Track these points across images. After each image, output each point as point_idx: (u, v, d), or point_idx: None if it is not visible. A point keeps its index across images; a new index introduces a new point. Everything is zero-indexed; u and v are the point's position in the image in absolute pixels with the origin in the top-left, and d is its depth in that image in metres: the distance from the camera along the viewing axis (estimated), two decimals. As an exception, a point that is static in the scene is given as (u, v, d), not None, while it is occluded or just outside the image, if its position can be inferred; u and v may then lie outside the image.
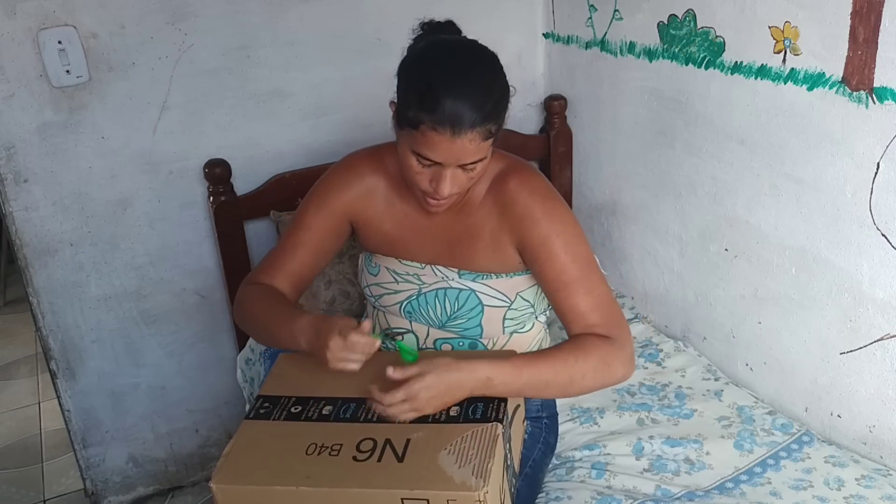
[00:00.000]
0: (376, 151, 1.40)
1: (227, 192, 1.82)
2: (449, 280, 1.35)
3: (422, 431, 1.11)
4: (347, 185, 1.37)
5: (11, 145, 1.68)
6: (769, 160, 1.50)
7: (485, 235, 1.32)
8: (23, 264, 1.79)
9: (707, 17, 1.56)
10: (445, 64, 1.15)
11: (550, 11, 2.06)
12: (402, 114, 1.17)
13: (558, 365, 1.21)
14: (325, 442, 1.11)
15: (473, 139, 1.13)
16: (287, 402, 1.20)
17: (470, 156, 1.15)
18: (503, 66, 1.21)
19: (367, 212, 1.38)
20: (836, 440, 1.49)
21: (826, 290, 1.45)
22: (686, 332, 1.85)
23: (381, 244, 1.40)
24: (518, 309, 1.36)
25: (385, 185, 1.37)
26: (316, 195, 1.40)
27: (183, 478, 2.16)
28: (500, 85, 1.17)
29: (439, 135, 1.12)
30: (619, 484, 1.38)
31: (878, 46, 1.24)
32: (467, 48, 1.20)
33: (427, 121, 1.11)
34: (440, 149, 1.14)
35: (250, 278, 1.40)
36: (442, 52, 1.18)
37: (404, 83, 1.19)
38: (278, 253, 1.39)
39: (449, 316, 1.35)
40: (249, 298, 1.34)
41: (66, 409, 1.95)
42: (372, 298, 1.43)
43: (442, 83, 1.11)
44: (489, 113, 1.13)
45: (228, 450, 1.12)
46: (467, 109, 1.10)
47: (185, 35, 1.75)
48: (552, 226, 1.27)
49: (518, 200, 1.28)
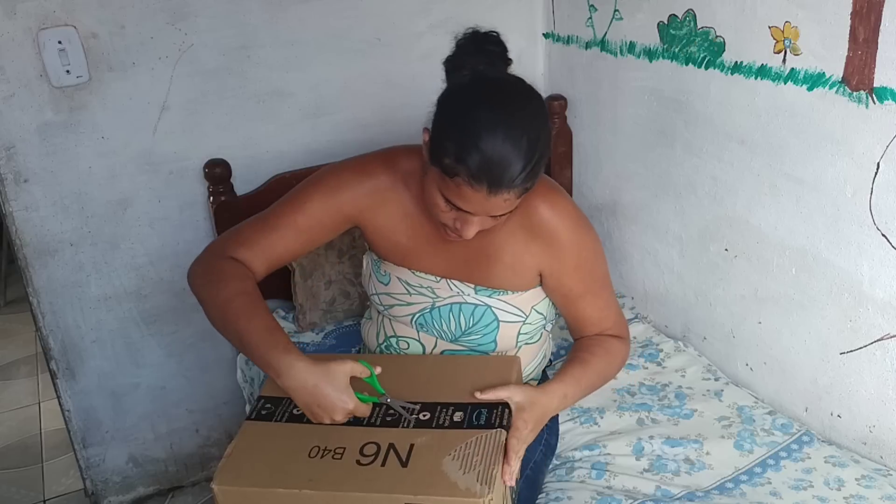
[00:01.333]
0: (392, 158, 1.32)
1: (227, 192, 1.82)
2: (464, 295, 1.32)
3: (426, 437, 1.10)
4: (360, 186, 1.29)
5: (11, 145, 1.68)
6: (769, 160, 1.50)
7: (506, 255, 1.29)
8: (23, 264, 1.79)
9: (707, 17, 1.56)
10: (490, 115, 1.06)
11: (550, 11, 2.06)
12: (436, 155, 1.10)
13: (597, 368, 1.31)
14: (327, 445, 1.10)
15: (509, 197, 1.08)
16: (289, 403, 1.19)
17: (503, 209, 1.11)
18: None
19: (379, 219, 1.31)
20: (836, 440, 1.49)
21: (826, 290, 1.45)
22: (686, 332, 1.85)
23: (392, 253, 1.35)
24: (532, 323, 1.35)
25: (400, 195, 1.30)
26: (325, 186, 1.30)
27: (183, 478, 2.16)
28: (543, 141, 1.10)
29: (475, 191, 1.06)
30: (619, 484, 1.38)
31: (878, 46, 1.24)
32: (514, 94, 1.11)
33: (463, 175, 1.06)
34: (473, 203, 1.09)
35: (225, 247, 1.26)
36: (487, 99, 1.08)
37: (443, 123, 1.11)
38: (266, 229, 1.28)
39: (463, 331, 1.33)
40: (224, 280, 1.20)
41: (66, 409, 1.95)
42: (381, 307, 1.38)
43: (484, 139, 1.04)
44: (529, 174, 1.07)
45: (230, 450, 1.12)
46: (508, 169, 1.05)
47: (185, 35, 1.75)
48: (582, 253, 1.29)
49: (549, 227, 1.26)
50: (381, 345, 1.41)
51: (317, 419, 1.12)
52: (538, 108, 1.12)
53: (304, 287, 1.82)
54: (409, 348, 1.37)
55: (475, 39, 1.20)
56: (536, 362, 1.43)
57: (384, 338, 1.40)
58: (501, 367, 1.25)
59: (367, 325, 1.47)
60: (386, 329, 1.40)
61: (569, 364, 1.30)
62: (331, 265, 1.83)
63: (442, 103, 1.13)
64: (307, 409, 1.12)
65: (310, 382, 1.10)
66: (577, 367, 1.29)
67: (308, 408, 1.12)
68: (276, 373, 1.12)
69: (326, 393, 1.10)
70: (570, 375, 1.26)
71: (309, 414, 1.13)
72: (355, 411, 1.12)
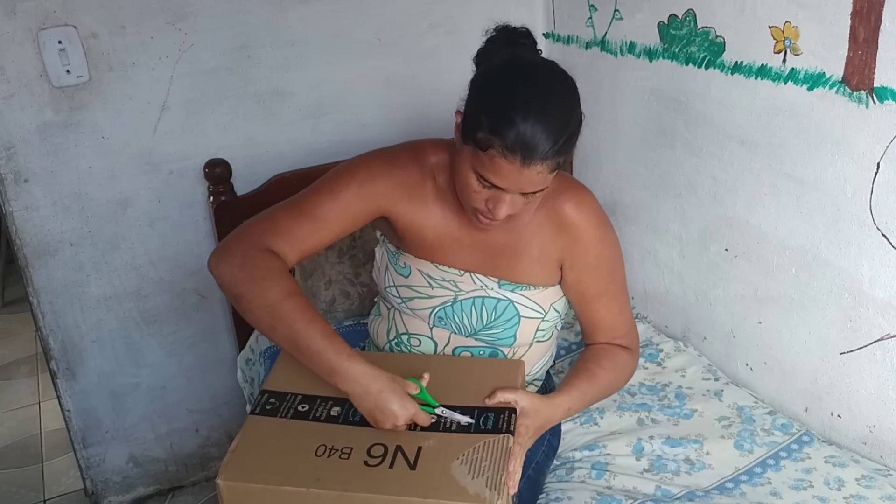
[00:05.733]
0: (421, 151, 1.32)
1: (227, 192, 1.82)
2: (488, 289, 1.33)
3: (433, 440, 1.10)
4: (393, 178, 1.28)
5: (11, 145, 1.68)
6: (769, 160, 1.50)
7: (533, 250, 1.31)
8: (23, 264, 1.79)
9: (707, 17, 1.56)
10: (525, 89, 1.09)
11: (550, 11, 2.06)
12: (469, 131, 1.12)
13: (604, 382, 1.33)
14: (334, 444, 1.09)
15: (542, 171, 1.09)
16: (294, 399, 1.18)
17: (535, 185, 1.12)
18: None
19: (409, 212, 1.30)
20: (836, 440, 1.49)
21: (826, 290, 1.45)
22: (686, 332, 1.85)
23: (418, 247, 1.34)
24: (549, 320, 1.36)
25: (429, 188, 1.30)
26: (360, 175, 1.27)
27: (183, 478, 2.16)
28: (576, 116, 1.13)
29: (509, 163, 1.08)
30: (620, 484, 1.38)
31: (878, 46, 1.24)
32: (549, 73, 1.15)
33: (498, 146, 1.07)
34: (506, 176, 1.10)
35: (261, 237, 1.21)
36: (522, 76, 1.12)
37: (477, 100, 1.13)
38: (302, 218, 1.24)
39: (484, 325, 1.33)
40: (270, 278, 1.16)
41: (66, 409, 1.95)
42: (398, 300, 1.37)
43: (520, 110, 1.06)
44: (562, 147, 1.09)
45: (235, 446, 1.10)
46: (542, 140, 1.06)
47: (185, 35, 1.75)
48: (603, 252, 1.33)
49: (576, 223, 1.29)
50: (392, 341, 1.40)
51: (378, 425, 1.12)
52: (572, 88, 1.15)
53: (304, 287, 1.82)
54: (420, 345, 1.37)
55: (506, 32, 1.22)
56: (543, 362, 1.43)
57: (395, 334, 1.40)
58: (507, 371, 1.25)
59: (375, 322, 1.46)
60: (398, 325, 1.40)
61: (577, 376, 1.31)
62: (331, 265, 1.83)
63: (476, 82, 1.15)
64: (369, 414, 1.12)
65: (375, 388, 1.11)
66: (584, 381, 1.31)
67: (371, 413, 1.12)
68: (342, 378, 1.12)
69: (391, 399, 1.11)
70: (576, 389, 1.28)
71: (371, 419, 1.12)
72: (416, 418, 1.12)
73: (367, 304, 1.82)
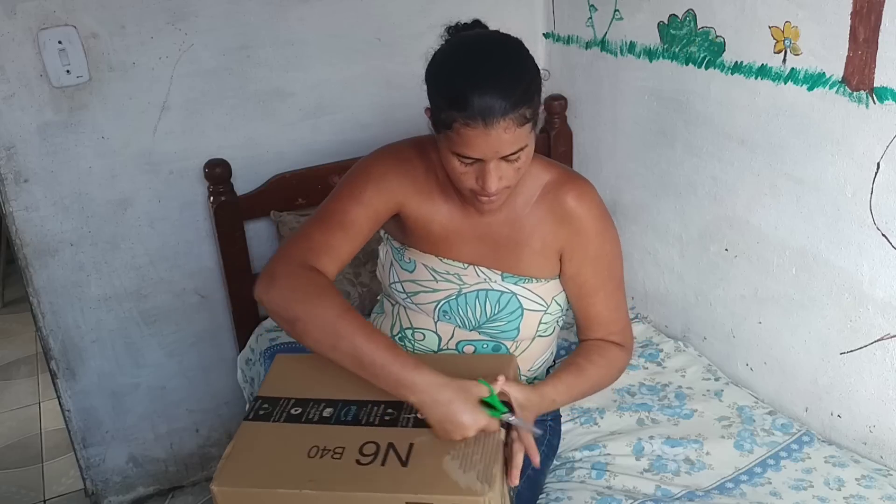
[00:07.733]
0: (423, 146, 1.33)
1: (227, 192, 1.82)
2: (491, 282, 1.34)
3: (424, 436, 1.10)
4: (403, 173, 1.31)
5: (11, 145, 1.68)
6: (769, 160, 1.50)
7: (535, 242, 1.32)
8: (23, 264, 1.79)
9: (707, 17, 1.56)
10: (466, 58, 1.14)
11: (550, 11, 2.06)
12: (436, 118, 1.16)
13: (593, 378, 1.33)
14: (326, 445, 1.10)
15: (508, 127, 1.11)
16: (287, 403, 1.19)
17: (508, 145, 1.13)
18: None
19: (417, 206, 1.32)
20: (837, 440, 1.49)
21: (826, 290, 1.45)
22: (686, 332, 1.85)
23: (424, 241, 1.36)
24: (552, 313, 1.37)
25: (433, 183, 1.33)
26: (374, 174, 1.29)
27: (183, 478, 2.16)
28: (526, 68, 1.15)
29: (472, 129, 1.10)
30: (620, 484, 1.38)
31: (878, 46, 1.24)
32: (487, 39, 1.19)
33: (458, 118, 1.10)
34: (476, 143, 1.12)
35: (304, 257, 1.20)
36: (462, 48, 1.17)
37: (432, 87, 1.17)
38: (335, 229, 1.24)
39: (488, 318, 1.34)
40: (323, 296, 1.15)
41: (66, 409, 1.95)
42: (403, 295, 1.38)
43: (465, 77, 1.10)
44: (519, 98, 1.10)
45: (229, 451, 1.11)
46: (495, 98, 1.09)
47: (185, 35, 1.75)
48: (603, 245, 1.34)
49: (577, 215, 1.30)
50: (395, 337, 1.41)
51: (447, 436, 1.09)
52: (516, 45, 1.17)
53: (304, 287, 1.82)
54: (424, 340, 1.38)
55: (457, 29, 1.26)
56: (544, 358, 1.44)
57: (399, 329, 1.41)
58: (499, 366, 1.25)
59: (378, 319, 1.48)
60: (402, 321, 1.40)
61: (565, 370, 1.32)
62: (331, 265, 1.83)
63: (427, 73, 1.19)
64: (439, 425, 1.08)
65: (444, 398, 1.08)
66: (571, 375, 1.31)
67: (440, 424, 1.09)
68: (410, 389, 1.10)
69: (461, 410, 1.08)
70: (563, 382, 1.28)
71: (440, 430, 1.09)
72: (487, 428, 1.10)
73: (368, 304, 1.81)
